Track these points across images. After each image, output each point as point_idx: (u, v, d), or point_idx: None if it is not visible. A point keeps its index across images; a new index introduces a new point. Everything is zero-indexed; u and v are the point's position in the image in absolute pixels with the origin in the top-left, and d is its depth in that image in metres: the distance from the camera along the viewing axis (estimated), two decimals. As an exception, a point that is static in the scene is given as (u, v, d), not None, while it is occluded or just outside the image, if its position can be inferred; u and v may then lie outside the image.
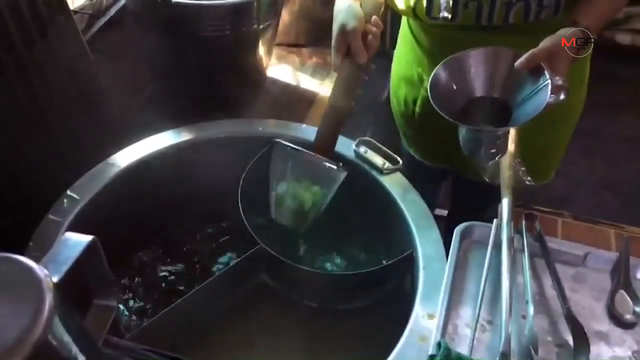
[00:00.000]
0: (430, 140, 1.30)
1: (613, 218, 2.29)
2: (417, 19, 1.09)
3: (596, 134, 2.68)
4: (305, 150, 1.00)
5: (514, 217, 0.88)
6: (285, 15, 1.51)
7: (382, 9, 1.17)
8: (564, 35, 0.91)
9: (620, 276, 0.84)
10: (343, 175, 1.00)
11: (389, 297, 0.98)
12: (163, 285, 1.00)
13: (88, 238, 0.46)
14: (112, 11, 1.26)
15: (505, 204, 0.90)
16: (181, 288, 0.99)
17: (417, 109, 1.26)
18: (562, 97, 0.86)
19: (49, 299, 0.37)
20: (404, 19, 1.25)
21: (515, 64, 0.88)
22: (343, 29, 0.97)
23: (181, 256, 1.04)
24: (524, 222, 0.90)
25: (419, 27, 1.16)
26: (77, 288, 0.44)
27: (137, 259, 1.03)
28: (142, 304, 0.96)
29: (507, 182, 0.93)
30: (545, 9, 0.99)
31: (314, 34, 1.58)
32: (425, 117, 1.25)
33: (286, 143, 1.01)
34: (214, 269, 1.02)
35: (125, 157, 1.02)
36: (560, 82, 0.86)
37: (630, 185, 2.51)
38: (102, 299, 0.47)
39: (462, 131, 0.93)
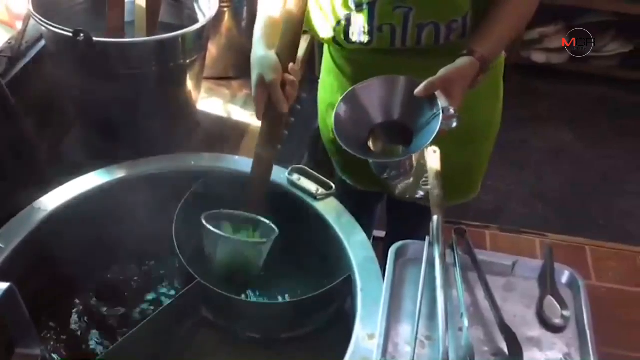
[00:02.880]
0: (362, 165, 1.32)
1: (543, 227, 2.39)
2: (337, 45, 1.12)
3: (523, 147, 2.81)
4: (235, 212, 1.01)
5: (445, 233, 0.91)
6: (212, 49, 1.52)
7: (306, 44, 1.20)
8: (461, 64, 0.96)
9: (546, 282, 0.88)
10: (275, 232, 1.00)
11: (331, 321, 0.98)
12: (98, 330, 0.96)
13: (4, 286, 0.45)
14: (33, 53, 1.23)
15: (435, 221, 0.92)
16: (118, 331, 0.96)
17: None
18: (454, 124, 0.92)
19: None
20: (325, 48, 1.28)
21: (415, 91, 0.94)
22: (261, 81, 0.98)
23: (116, 298, 1.01)
24: (454, 237, 0.93)
25: (340, 55, 1.20)
26: (-3, 338, 0.43)
27: (70, 304, 1.00)
28: (77, 351, 0.93)
29: (436, 200, 0.96)
30: (454, 32, 1.04)
31: (243, 66, 1.57)
32: None
33: (215, 211, 1.00)
34: (152, 308, 1.00)
35: (52, 200, 0.99)
36: (451, 112, 0.92)
37: (558, 193, 2.63)
38: (25, 347, 0.45)
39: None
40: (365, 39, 1.07)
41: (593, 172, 2.75)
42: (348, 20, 1.07)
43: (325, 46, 1.28)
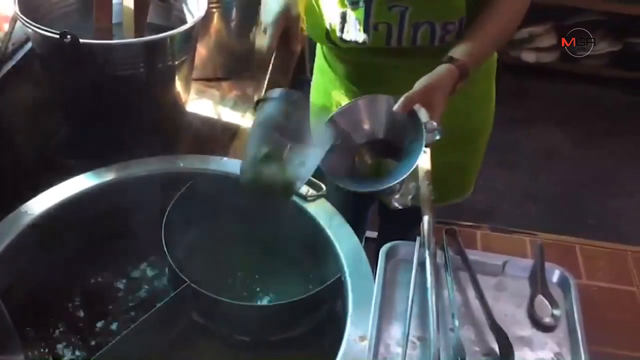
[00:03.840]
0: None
1: (536, 227, 2.40)
2: (331, 44, 1.12)
3: (515, 147, 2.82)
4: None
5: (436, 233, 0.91)
6: (201, 50, 1.51)
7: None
8: (439, 73, 0.96)
9: (537, 282, 0.88)
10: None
11: (322, 323, 0.98)
12: (86, 335, 0.95)
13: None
14: (19, 55, 1.22)
15: (426, 221, 0.92)
16: (106, 336, 0.95)
17: None
18: (437, 137, 0.92)
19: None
20: (318, 49, 1.28)
21: (393, 108, 0.93)
22: (287, 12, 1.02)
23: (105, 302, 1.00)
24: (444, 238, 0.93)
25: (333, 54, 1.19)
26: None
27: (57, 309, 0.99)
28: (63, 357, 0.92)
29: (426, 201, 0.95)
30: (450, 33, 1.04)
31: (232, 67, 1.58)
32: None
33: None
34: (142, 312, 0.99)
35: (40, 204, 0.98)
36: (434, 125, 0.92)
37: (550, 193, 2.64)
38: (7, 354, 0.44)
39: None
40: (360, 37, 1.07)
41: (584, 172, 2.76)
42: (343, 18, 1.07)
43: (318, 46, 1.27)
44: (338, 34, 1.09)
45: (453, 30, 1.04)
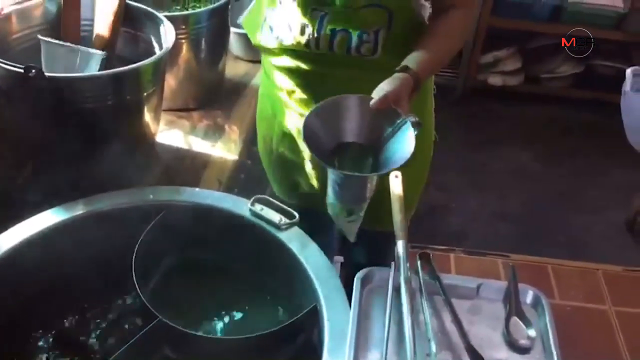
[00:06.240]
0: (291, 174, 1.32)
1: (507, 247, 2.43)
2: (263, 46, 1.17)
3: (484, 169, 2.86)
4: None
5: (410, 257, 0.91)
6: (170, 80, 1.50)
7: None
8: (402, 79, 1.00)
9: (511, 303, 0.89)
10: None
11: (299, 353, 0.96)
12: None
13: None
14: (-18, 90, 1.20)
15: (400, 246, 0.92)
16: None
17: (274, 146, 1.29)
18: (415, 131, 0.94)
19: None
20: (262, 60, 1.30)
21: (371, 103, 0.95)
22: None
23: (75, 341, 0.97)
24: (418, 262, 0.93)
25: (268, 61, 1.22)
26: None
27: (24, 351, 0.95)
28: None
29: (400, 225, 0.96)
30: (365, 44, 1.08)
31: (202, 97, 1.58)
32: (284, 153, 1.29)
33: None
34: (113, 349, 0.96)
35: (6, 241, 0.96)
36: (416, 119, 0.94)
37: (519, 213, 2.68)
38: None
39: (330, 174, 0.98)
40: (283, 36, 1.11)
41: (552, 191, 2.82)
42: (272, 17, 1.12)
43: (263, 58, 1.29)
44: (269, 26, 1.14)
45: (368, 42, 1.08)
